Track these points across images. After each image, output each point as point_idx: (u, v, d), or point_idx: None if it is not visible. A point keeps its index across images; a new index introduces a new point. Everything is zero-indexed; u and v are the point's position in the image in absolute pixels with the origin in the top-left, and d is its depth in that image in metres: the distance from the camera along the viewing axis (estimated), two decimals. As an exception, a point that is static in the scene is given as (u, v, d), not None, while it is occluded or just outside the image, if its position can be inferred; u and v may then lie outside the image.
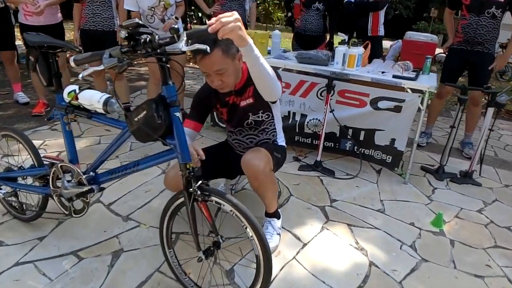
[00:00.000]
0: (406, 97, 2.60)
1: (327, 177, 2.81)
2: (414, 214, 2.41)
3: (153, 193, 2.39)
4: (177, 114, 1.32)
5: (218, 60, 1.55)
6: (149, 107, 1.29)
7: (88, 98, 1.58)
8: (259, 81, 1.53)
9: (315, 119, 2.98)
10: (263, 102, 1.79)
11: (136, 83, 5.33)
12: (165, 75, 1.29)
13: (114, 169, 1.59)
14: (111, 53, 1.22)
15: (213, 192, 1.40)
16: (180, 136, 1.33)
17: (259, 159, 1.72)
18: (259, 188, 1.79)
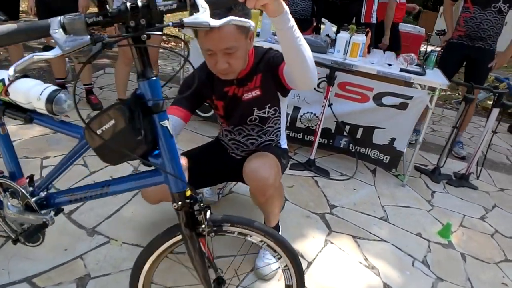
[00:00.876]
0: (414, 94, 2.37)
1: (322, 178, 2.54)
2: (419, 223, 2.22)
3: (124, 197, 1.98)
4: (165, 124, 0.88)
5: (231, 35, 1.19)
6: (120, 114, 0.83)
7: (24, 92, 1.05)
8: (296, 63, 1.16)
9: (310, 113, 2.68)
10: (271, 93, 1.46)
11: (98, 61, 4.72)
12: (144, 62, 0.82)
13: (73, 190, 1.13)
14: (66, 25, 0.68)
15: (231, 221, 1.04)
16: (172, 153, 0.91)
17: (268, 169, 1.39)
18: (265, 204, 1.47)
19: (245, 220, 1.05)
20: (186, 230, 1.00)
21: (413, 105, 2.39)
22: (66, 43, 0.67)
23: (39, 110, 1.05)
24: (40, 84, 1.06)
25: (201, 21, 0.74)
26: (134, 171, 2.25)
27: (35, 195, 1.20)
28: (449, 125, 4.33)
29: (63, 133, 1.12)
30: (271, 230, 1.05)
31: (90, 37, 0.68)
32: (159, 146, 0.91)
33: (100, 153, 0.92)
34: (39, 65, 4.23)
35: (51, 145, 2.43)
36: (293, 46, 1.08)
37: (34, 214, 1.18)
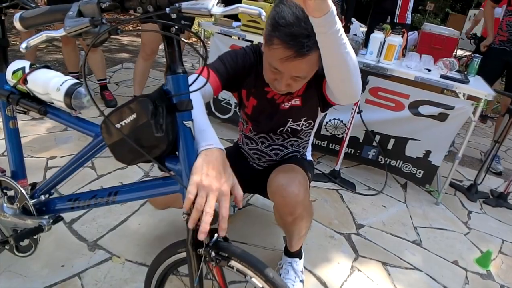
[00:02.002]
0: (456, 104, 2.12)
1: (348, 192, 2.32)
2: (455, 248, 1.97)
3: (131, 207, 1.82)
4: (188, 125, 0.78)
5: (309, 66, 1.02)
6: (142, 108, 0.75)
7: (43, 83, 0.99)
8: (338, 73, 0.96)
9: (337, 120, 2.46)
10: (311, 106, 1.26)
11: (117, 55, 4.60)
12: (173, 56, 0.75)
13: (76, 196, 1.02)
14: (81, 8, 0.68)
15: (236, 255, 0.86)
16: (189, 158, 0.80)
17: (298, 185, 1.19)
18: (292, 225, 1.27)
19: (248, 257, 0.86)
20: (189, 247, 0.87)
21: (454, 116, 2.14)
22: (69, 23, 0.66)
23: (56, 102, 0.98)
24: (60, 76, 1.01)
25: (199, 6, 0.64)
26: (145, 176, 2.09)
27: (35, 197, 1.10)
28: (483, 136, 4.04)
29: (77, 130, 1.03)
30: (277, 279, 0.85)
31: (90, 19, 0.65)
32: (178, 148, 0.80)
33: (114, 150, 0.84)
34: (55, 57, 4.15)
35: (59, 144, 2.29)
36: (337, 54, 0.88)
37: (30, 218, 1.08)
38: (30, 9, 1.01)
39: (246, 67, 1.23)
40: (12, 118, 1.16)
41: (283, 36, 0.97)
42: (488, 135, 4.11)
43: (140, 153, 0.80)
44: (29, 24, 0.79)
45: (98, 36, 0.67)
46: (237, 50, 1.25)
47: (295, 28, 0.95)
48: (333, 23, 0.80)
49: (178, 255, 0.97)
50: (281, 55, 1.00)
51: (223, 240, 0.88)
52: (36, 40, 0.74)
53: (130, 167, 2.14)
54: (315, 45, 0.94)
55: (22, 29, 0.80)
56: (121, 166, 2.12)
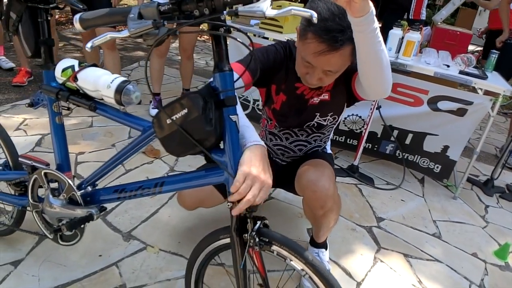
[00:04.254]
0: (475, 99, 2.14)
1: (366, 187, 2.37)
2: (474, 241, 2.01)
3: (160, 199, 1.89)
4: (234, 119, 0.84)
5: (342, 60, 1.07)
6: (194, 104, 0.80)
7: (93, 80, 1.05)
8: (372, 70, 1.01)
9: (355, 115, 2.50)
10: (339, 101, 1.31)
11: (133, 53, 4.69)
12: (221, 54, 0.80)
13: (122, 187, 1.09)
14: (142, 11, 0.73)
15: (277, 239, 0.92)
16: (235, 150, 0.85)
17: (328, 179, 1.25)
18: (322, 217, 1.32)
19: (290, 242, 0.93)
20: (234, 233, 0.93)
21: (473, 111, 2.17)
22: (133, 26, 0.72)
23: (107, 98, 1.04)
24: (109, 74, 1.06)
25: (255, 9, 0.69)
26: (171, 171, 2.16)
27: (82, 189, 1.16)
28: (497, 132, 4.04)
29: (126, 125, 1.09)
30: (316, 262, 0.90)
31: (152, 22, 0.71)
32: (224, 141, 0.86)
33: (165, 143, 0.89)
34: (73, 55, 4.23)
35: (86, 139, 2.37)
36: (373, 52, 0.93)
37: (79, 208, 1.14)
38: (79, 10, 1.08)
39: (277, 63, 1.27)
40: (58, 114, 1.22)
41: (318, 31, 1.01)
42: (503, 131, 4.10)
43: (189, 146, 0.85)
44: (89, 25, 0.84)
45: (160, 37, 0.73)
46: (267, 47, 1.29)
47: (329, 23, 0.99)
48: (372, 22, 0.85)
49: (220, 241, 1.03)
50: (315, 49, 1.04)
51: (263, 226, 0.94)
52: (101, 40, 0.79)
53: (155, 162, 2.21)
54: (349, 40, 0.99)
55: (81, 30, 0.85)
56: (147, 161, 2.19)
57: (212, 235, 1.05)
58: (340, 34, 0.99)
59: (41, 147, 2.21)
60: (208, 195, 1.42)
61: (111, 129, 2.54)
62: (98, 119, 2.66)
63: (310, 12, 0.70)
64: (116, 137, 2.45)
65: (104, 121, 2.63)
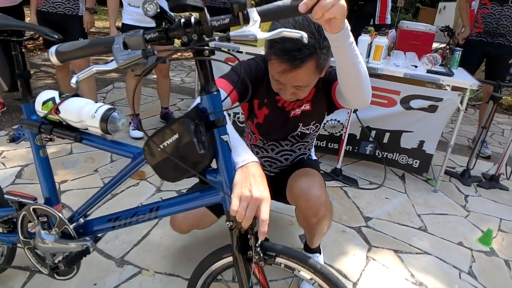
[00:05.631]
0: (444, 96, 2.26)
1: (351, 188, 2.43)
2: (458, 231, 2.10)
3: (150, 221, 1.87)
4: (225, 139, 0.85)
5: (307, 75, 1.10)
6: (185, 129, 0.81)
7: (76, 111, 1.03)
8: (351, 81, 1.05)
9: (334, 120, 2.57)
10: (320, 109, 1.35)
11: (106, 76, 4.64)
12: (207, 77, 0.81)
13: (116, 215, 1.07)
14: (127, 41, 0.72)
15: (282, 252, 0.94)
16: (228, 169, 0.86)
17: (319, 187, 1.29)
18: (316, 225, 1.35)
19: (295, 253, 0.94)
20: (236, 252, 0.94)
21: (443, 107, 2.29)
22: (121, 57, 0.71)
23: (92, 129, 1.02)
24: (92, 103, 1.04)
25: (247, 33, 0.70)
26: (157, 191, 2.14)
27: (74, 221, 1.13)
28: (468, 124, 4.23)
29: (115, 153, 1.08)
30: (324, 269, 0.93)
31: (142, 51, 0.70)
32: (217, 161, 0.86)
33: (159, 170, 0.88)
34: (46, 82, 4.15)
35: (67, 167, 2.32)
36: (351, 64, 0.97)
37: (73, 241, 1.12)
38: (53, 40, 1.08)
39: (259, 77, 1.30)
40: (41, 147, 1.19)
41: (277, 52, 1.06)
42: (473, 122, 4.30)
43: (183, 170, 0.85)
44: (67, 58, 0.80)
45: (149, 66, 0.73)
46: (249, 61, 1.32)
47: (287, 43, 1.04)
48: (348, 36, 0.90)
49: (223, 260, 1.03)
50: (278, 68, 1.10)
51: (264, 240, 0.96)
52: (86, 74, 0.76)
53: (141, 184, 2.20)
54: (309, 56, 1.04)
55: (57, 63, 0.82)
56: (133, 183, 2.18)
57: (214, 255, 1.05)
58: (298, 52, 1.04)
59: (21, 179, 2.15)
60: (202, 217, 1.43)
61: (91, 155, 2.50)
62: (77, 145, 2.61)
63: (300, 33, 0.71)
64: (98, 162, 2.42)
65: (84, 147, 2.59)
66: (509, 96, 5.70)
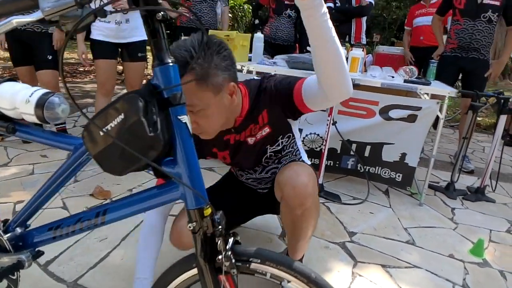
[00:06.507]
0: (423, 104, 2.22)
1: (334, 204, 2.30)
2: (448, 243, 1.98)
3: (111, 241, 1.69)
4: (183, 119, 0.72)
5: (188, 91, 0.95)
6: (131, 106, 0.67)
7: (10, 96, 0.90)
8: (330, 61, 0.93)
9: (313, 134, 2.48)
10: (282, 124, 1.24)
11: (81, 101, 4.51)
12: (159, 44, 0.68)
13: (58, 223, 0.90)
14: None
15: (262, 256, 0.79)
16: (190, 158, 0.73)
17: (307, 175, 1.17)
18: (301, 218, 1.19)
19: (284, 258, 0.79)
20: (201, 260, 0.77)
21: (423, 116, 2.24)
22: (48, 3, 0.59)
23: (27, 116, 0.87)
24: (29, 88, 0.90)
25: None
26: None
27: (9, 231, 0.96)
28: (448, 142, 4.23)
29: (54, 146, 0.93)
30: (320, 279, 0.79)
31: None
32: (175, 148, 0.72)
33: (102, 160, 0.74)
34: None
35: (26, 188, 2.13)
36: (327, 39, 0.88)
37: (7, 255, 0.94)
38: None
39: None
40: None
41: None
42: (453, 141, 4.31)
43: (133, 159, 0.71)
44: None
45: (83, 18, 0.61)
46: None
47: None
48: (320, 5, 0.82)
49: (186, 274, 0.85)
50: None
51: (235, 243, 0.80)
52: (3, 27, 0.67)
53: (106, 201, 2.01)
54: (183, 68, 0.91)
55: None
56: (95, 203, 1.99)
57: (176, 267, 0.87)
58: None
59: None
60: None
61: (55, 175, 2.32)
62: (40, 166, 2.43)
63: None
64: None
65: (47, 167, 2.41)
66: (486, 117, 5.82)
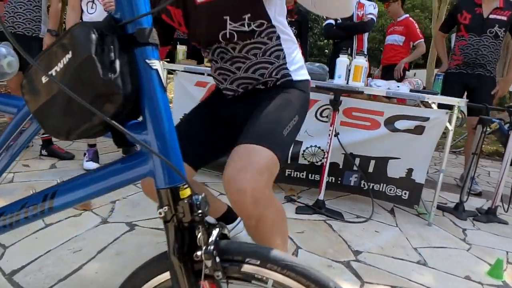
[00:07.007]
0: (431, 115, 2.09)
1: (336, 221, 2.12)
2: (462, 264, 1.79)
3: (87, 253, 1.49)
4: (154, 65, 0.56)
5: None
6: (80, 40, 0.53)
7: None
8: None
9: (314, 147, 2.34)
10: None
11: None
12: None
13: (2, 210, 0.74)
14: None
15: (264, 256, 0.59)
16: (162, 120, 0.57)
17: (252, 171, 0.89)
18: (257, 230, 0.96)
19: (294, 260, 0.60)
20: (175, 258, 0.58)
21: (430, 127, 2.10)
22: None
23: None
24: None
25: None
26: (103, 223, 1.77)
27: None
28: (452, 166, 4.08)
29: None
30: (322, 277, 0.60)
31: None
32: (143, 106, 0.56)
33: (43, 117, 0.58)
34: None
35: (2, 196, 1.95)
36: None
37: None
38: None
39: None
40: None
41: None
42: (457, 165, 4.18)
43: (83, 116, 0.56)
44: None
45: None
46: None
47: None
48: None
49: (156, 279, 0.67)
50: None
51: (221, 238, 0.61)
52: None
53: (84, 214, 1.83)
54: None
55: None
56: (73, 214, 1.81)
57: (142, 270, 0.69)
58: None
59: None
60: None
61: (34, 184, 2.14)
62: (21, 174, 2.26)
63: None
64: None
65: (27, 176, 2.24)
66: (488, 145, 5.71)
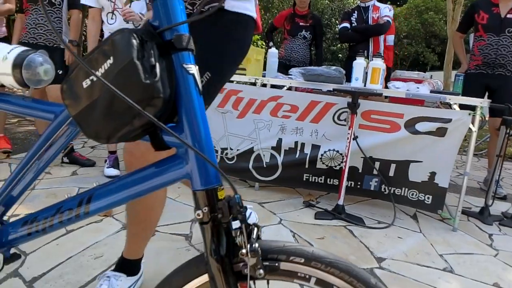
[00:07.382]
0: (453, 116, 2.03)
1: (357, 227, 2.07)
2: (490, 271, 1.72)
3: (107, 259, 1.49)
4: (190, 70, 0.57)
5: None
6: (123, 46, 0.54)
7: None
8: None
9: (332, 151, 2.30)
10: None
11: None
12: None
13: (34, 215, 0.76)
14: None
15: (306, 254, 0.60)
16: (199, 120, 0.58)
17: None
18: None
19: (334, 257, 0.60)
20: (214, 262, 0.57)
21: (453, 129, 2.04)
22: None
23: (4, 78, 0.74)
24: (7, 46, 0.77)
25: None
26: (123, 228, 1.78)
27: None
28: (475, 169, 3.96)
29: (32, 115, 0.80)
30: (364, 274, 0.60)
31: None
32: (180, 109, 0.58)
33: (84, 121, 0.59)
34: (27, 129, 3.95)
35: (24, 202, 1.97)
36: None
37: None
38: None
39: None
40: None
41: None
42: (479, 168, 4.06)
43: (123, 118, 0.56)
44: None
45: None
46: None
47: None
48: None
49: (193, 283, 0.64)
50: None
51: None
52: None
53: (106, 220, 1.84)
54: None
55: None
56: (95, 220, 1.82)
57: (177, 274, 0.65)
58: None
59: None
60: None
61: (56, 191, 2.17)
62: (43, 181, 2.30)
63: None
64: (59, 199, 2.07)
65: (49, 183, 2.28)
66: (510, 147, 5.54)
